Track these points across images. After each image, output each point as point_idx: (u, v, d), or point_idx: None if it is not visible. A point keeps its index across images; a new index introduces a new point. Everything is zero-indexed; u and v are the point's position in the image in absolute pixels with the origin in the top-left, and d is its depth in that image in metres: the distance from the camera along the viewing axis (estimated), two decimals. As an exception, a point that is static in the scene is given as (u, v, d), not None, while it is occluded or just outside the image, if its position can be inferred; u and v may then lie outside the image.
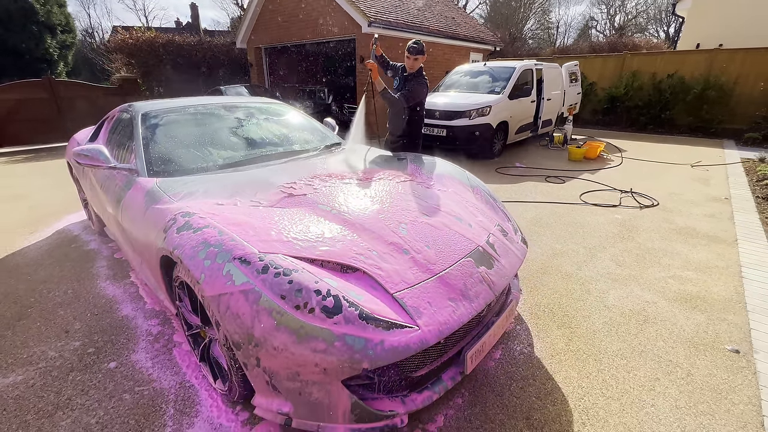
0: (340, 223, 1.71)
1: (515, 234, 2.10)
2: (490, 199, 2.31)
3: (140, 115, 2.54)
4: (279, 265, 1.36)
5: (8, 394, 1.74)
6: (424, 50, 3.23)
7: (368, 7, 8.03)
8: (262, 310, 1.27)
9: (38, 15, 18.83)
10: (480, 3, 30.41)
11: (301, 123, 3.16)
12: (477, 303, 1.53)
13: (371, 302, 1.37)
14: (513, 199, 4.50)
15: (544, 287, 2.60)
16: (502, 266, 1.76)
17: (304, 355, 1.24)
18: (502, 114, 6.59)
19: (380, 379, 1.41)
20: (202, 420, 1.60)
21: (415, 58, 3.20)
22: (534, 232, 3.56)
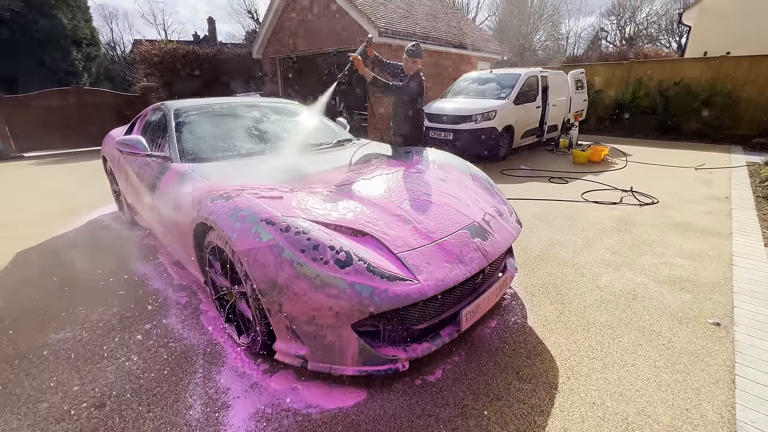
0: (351, 198, 1.94)
1: (510, 215, 2.30)
2: (488, 186, 2.51)
3: (172, 111, 2.84)
4: (299, 226, 1.59)
5: (60, 346, 1.99)
6: (422, 54, 3.38)
7: (378, 18, 8.40)
8: (285, 262, 1.50)
9: (66, 30, 19.90)
10: (489, 15, 30.95)
11: (315, 120, 3.42)
12: (471, 267, 1.73)
13: (377, 259, 1.59)
14: (516, 196, 4.68)
15: (541, 271, 2.78)
16: (495, 240, 1.96)
17: (320, 299, 1.46)
18: (507, 118, 6.80)
19: (385, 328, 1.61)
20: (228, 368, 1.82)
21: (414, 61, 3.33)
22: (535, 225, 3.73)
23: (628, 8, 29.52)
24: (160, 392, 1.68)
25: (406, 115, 3.54)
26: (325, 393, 1.67)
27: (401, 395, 1.66)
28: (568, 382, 1.72)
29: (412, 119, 3.57)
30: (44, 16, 18.55)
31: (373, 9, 8.86)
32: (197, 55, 11.22)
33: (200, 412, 1.57)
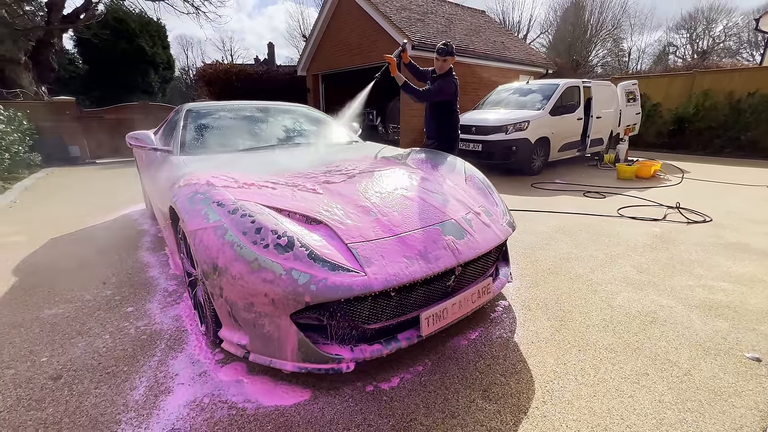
0: (319, 189, 1.87)
1: (501, 217, 2.09)
2: (482, 187, 2.32)
3: (185, 110, 3.01)
4: (247, 209, 1.55)
5: (48, 320, 2.10)
6: (453, 52, 3.25)
7: (413, 33, 8.49)
8: (226, 243, 1.45)
9: (147, 55, 22.64)
10: (542, 33, 30.16)
11: (318, 122, 3.46)
12: (434, 265, 1.57)
13: (325, 248, 1.49)
14: (541, 208, 4.33)
15: (546, 285, 2.48)
16: (474, 240, 1.77)
17: (256, 284, 1.38)
18: (542, 130, 6.42)
19: (330, 323, 1.49)
20: (184, 355, 1.80)
21: (444, 59, 3.21)
22: (553, 238, 3.39)
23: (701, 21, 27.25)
24: (114, 371, 1.69)
25: (439, 117, 3.42)
26: (268, 389, 1.57)
27: (347, 400, 1.51)
28: (542, 407, 1.46)
29: (444, 121, 3.43)
30: (129, 43, 21.31)
31: (410, 24, 8.99)
32: (247, 73, 12.15)
33: (142, 394, 1.55)
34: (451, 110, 3.43)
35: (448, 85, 3.25)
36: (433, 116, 3.47)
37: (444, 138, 3.46)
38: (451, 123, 3.47)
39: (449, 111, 3.42)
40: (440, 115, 3.42)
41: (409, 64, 3.45)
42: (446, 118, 3.44)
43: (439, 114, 3.42)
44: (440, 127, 3.45)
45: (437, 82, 3.28)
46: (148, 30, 23.02)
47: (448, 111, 3.42)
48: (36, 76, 10.12)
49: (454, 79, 3.33)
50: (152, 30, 23.49)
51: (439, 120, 3.44)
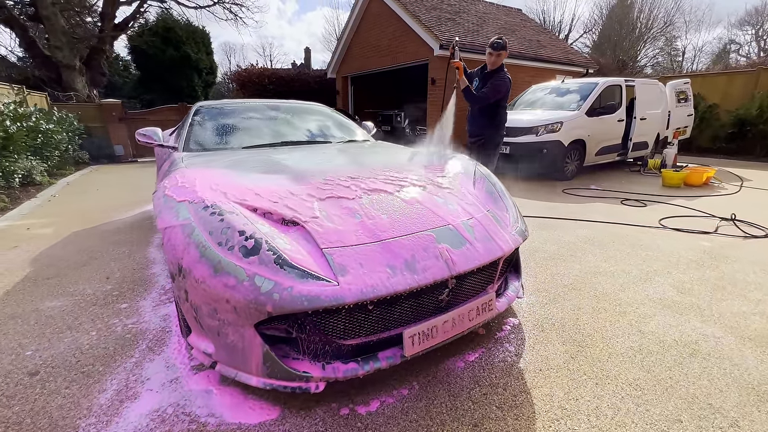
0: (303, 186, 1.73)
1: (511, 224, 1.85)
2: (492, 190, 2.09)
3: (195, 107, 3.01)
4: (218, 207, 1.44)
5: (45, 313, 2.12)
6: (507, 47, 3.20)
7: (443, 32, 8.27)
8: (191, 243, 1.35)
9: (191, 61, 23.94)
10: (585, 32, 28.71)
11: (331, 120, 3.34)
12: (422, 276, 1.38)
13: (297, 252, 1.34)
14: (570, 216, 3.96)
15: (566, 302, 2.19)
16: (473, 249, 1.56)
17: (218, 289, 1.26)
18: (576, 131, 5.97)
19: (300, 336, 1.34)
20: (161, 358, 1.72)
21: (498, 54, 3.17)
22: (579, 248, 3.05)
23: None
24: (89, 371, 1.64)
25: (487, 115, 3.33)
26: (237, 403, 1.45)
27: (317, 423, 1.36)
28: (542, 452, 1.23)
29: (492, 120, 3.35)
30: (176, 50, 22.60)
31: (439, 24, 8.77)
32: (279, 76, 12.46)
33: (108, 398, 1.48)
34: (501, 108, 3.32)
35: (501, 83, 3.20)
36: (480, 114, 3.36)
37: (491, 137, 3.39)
38: (500, 121, 3.37)
39: (498, 108, 3.32)
40: (489, 113, 3.31)
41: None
42: (495, 116, 3.34)
43: (488, 111, 3.31)
44: (488, 125, 3.36)
45: (490, 82, 3.22)
46: (194, 37, 24.32)
47: (497, 108, 3.31)
48: (89, 80, 10.92)
49: (506, 75, 3.24)
50: (198, 37, 24.80)
51: (487, 118, 3.33)
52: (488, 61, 3.23)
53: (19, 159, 5.84)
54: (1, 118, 5.68)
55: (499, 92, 3.22)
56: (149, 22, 19.69)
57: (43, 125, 6.80)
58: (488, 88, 3.20)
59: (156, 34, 21.62)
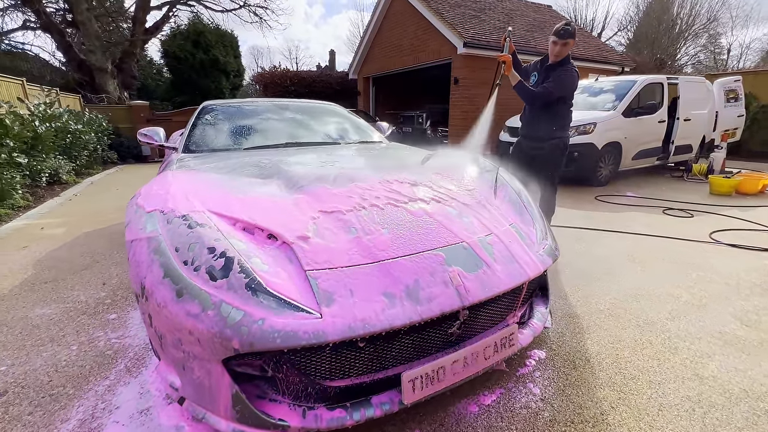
0: (297, 194, 1.52)
1: (538, 241, 1.57)
2: (517, 200, 1.80)
3: (201, 107, 2.88)
4: (190, 218, 1.24)
5: (33, 321, 2.01)
6: (575, 34, 2.63)
7: (466, 29, 7.93)
8: (155, 260, 1.16)
9: (220, 64, 24.61)
10: (620, 29, 27.37)
11: (342, 121, 3.14)
12: (426, 307, 1.13)
13: (275, 275, 1.12)
14: (605, 227, 3.57)
15: (602, 332, 1.87)
16: (492, 273, 1.29)
17: (180, 317, 1.06)
18: (612, 133, 5.50)
19: (276, 375, 1.12)
20: (137, 382, 1.55)
21: (564, 43, 2.60)
22: (617, 265, 2.69)
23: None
24: (58, 393, 1.49)
25: (549, 116, 2.74)
26: (207, 446, 1.25)
27: (295, 481, 1.13)
28: None
29: (556, 121, 2.76)
30: (205, 53, 23.26)
31: (463, 21, 8.44)
32: (301, 78, 12.50)
33: (69, 430, 1.31)
34: (566, 106, 2.75)
35: (568, 78, 2.64)
36: (540, 114, 2.77)
37: (553, 142, 2.78)
38: (565, 123, 2.79)
39: (563, 107, 2.75)
40: (551, 113, 2.73)
41: (513, 56, 2.80)
42: (558, 117, 2.76)
43: (550, 111, 2.72)
44: (549, 128, 2.77)
45: (553, 76, 2.65)
46: (223, 41, 24.95)
47: (562, 108, 2.74)
48: (120, 83, 11.30)
49: (573, 68, 2.68)
50: (226, 41, 25.42)
51: (549, 119, 2.75)
52: (551, 52, 2.68)
53: (48, 158, 6.00)
54: (31, 118, 5.86)
55: (564, 87, 2.64)
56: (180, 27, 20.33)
57: (72, 126, 7.00)
58: (551, 82, 2.63)
59: (187, 39, 22.29)
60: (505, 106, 7.89)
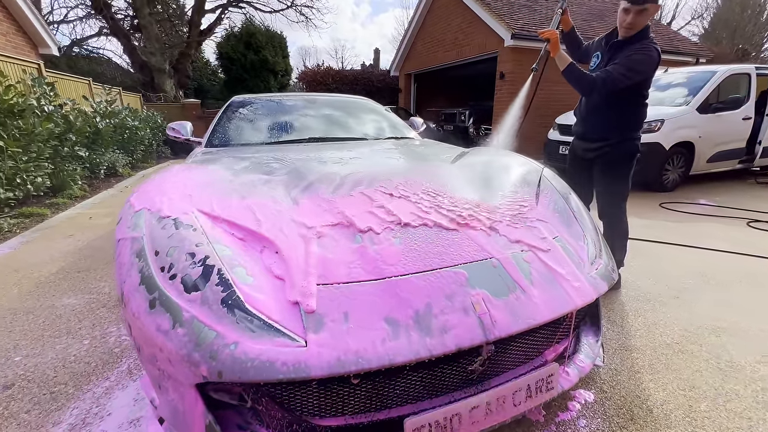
0: (303, 195, 1.35)
1: (590, 261, 1.27)
2: (564, 208, 1.50)
3: (229, 101, 2.84)
4: (177, 219, 1.11)
5: (57, 311, 2.04)
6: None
7: (515, 20, 7.41)
8: (134, 264, 1.03)
9: (269, 64, 25.62)
10: (695, 17, 24.68)
11: (372, 115, 2.95)
12: (439, 340, 0.90)
13: (258, 289, 0.96)
14: (672, 240, 3.07)
15: (670, 374, 1.51)
16: (527, 299, 1.04)
17: (151, 332, 0.93)
18: (682, 132, 4.82)
19: (256, 407, 0.95)
20: (134, 386, 1.47)
21: (641, 10, 1.87)
22: (688, 288, 2.26)
23: None
24: (58, 391, 1.45)
25: (618, 108, 2.05)
26: (189, 472, 1.11)
27: None
28: None
29: (627, 115, 2.07)
30: (256, 54, 24.35)
31: (512, 12, 7.90)
32: (343, 75, 12.58)
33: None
34: (639, 97, 2.05)
35: (643, 58, 1.89)
36: (603, 107, 2.09)
37: (620, 144, 2.10)
38: (637, 120, 2.09)
39: (635, 100, 2.05)
40: (617, 107, 2.05)
41: (570, 34, 2.24)
42: (627, 111, 2.06)
43: (616, 103, 2.04)
44: (615, 125, 2.08)
45: (621, 56, 1.93)
46: (272, 42, 25.96)
47: (635, 98, 2.04)
48: (176, 83, 12.04)
49: (652, 45, 1.93)
50: (275, 42, 26.41)
51: (615, 114, 2.07)
52: (621, 23, 1.95)
53: (106, 152, 6.46)
54: (93, 115, 6.33)
55: (636, 71, 1.90)
56: (233, 28, 21.37)
57: (130, 122, 7.51)
58: (617, 65, 1.91)
59: (240, 40, 23.43)
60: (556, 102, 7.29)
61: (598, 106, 2.13)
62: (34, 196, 4.42)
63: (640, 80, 1.96)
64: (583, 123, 2.28)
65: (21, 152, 4.26)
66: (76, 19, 14.18)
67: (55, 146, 4.93)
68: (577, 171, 2.34)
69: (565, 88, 2.25)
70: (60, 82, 6.20)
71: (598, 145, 2.18)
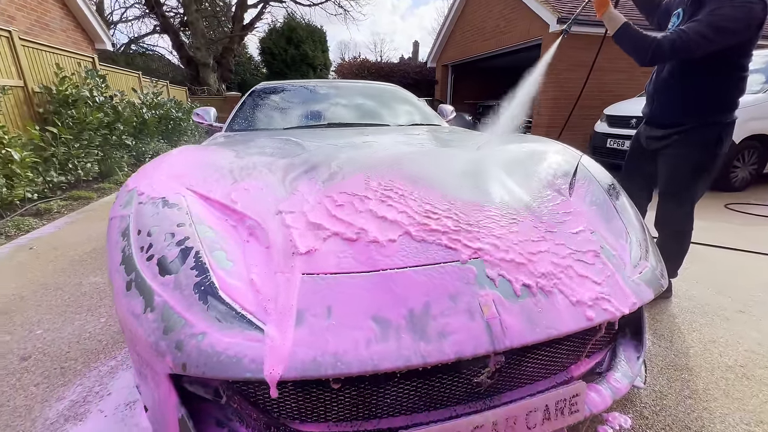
0: (302, 181, 1.25)
1: (633, 263, 1.07)
2: (604, 201, 1.28)
3: (253, 88, 2.82)
4: (165, 198, 1.05)
5: (83, 289, 2.12)
6: None
7: (562, 3, 6.86)
8: (119, 243, 0.99)
9: (309, 58, 26.08)
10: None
11: (398, 102, 2.81)
12: (436, 346, 0.77)
13: (237, 276, 0.87)
14: (738, 245, 2.67)
15: (731, 402, 1.26)
16: (549, 304, 0.88)
17: (125, 315, 0.87)
18: (757, 124, 4.22)
19: (231, 405, 0.87)
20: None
21: None
22: (757, 301, 1.92)
23: None
24: (68, 367, 1.47)
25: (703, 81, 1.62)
26: (173, 463, 1.06)
27: None
28: None
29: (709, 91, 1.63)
30: (296, 48, 24.89)
31: (560, -6, 7.34)
32: (379, 67, 12.46)
33: (57, 413, 1.25)
34: (732, 66, 1.58)
35: (739, 11, 1.43)
36: (681, 80, 1.66)
37: (702, 126, 1.66)
38: (727, 96, 1.64)
39: (727, 68, 1.58)
40: (701, 77, 1.61)
41: None
42: (717, 84, 1.61)
43: (699, 74, 1.61)
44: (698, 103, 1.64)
45: (705, 12, 1.48)
46: (312, 37, 26.40)
47: (724, 67, 1.58)
48: (219, 77, 12.52)
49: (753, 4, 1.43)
50: (315, 36, 26.84)
51: (698, 89, 1.63)
52: None
53: (151, 141, 6.82)
54: (140, 106, 6.70)
55: (724, 30, 1.45)
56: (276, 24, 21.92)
57: (174, 113, 7.89)
58: (697, 22, 1.48)
59: (281, 35, 24.05)
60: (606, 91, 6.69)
61: (669, 79, 1.68)
62: (84, 181, 4.73)
63: (729, 43, 1.47)
64: (650, 103, 1.82)
65: (73, 139, 4.57)
66: (133, 19, 15.21)
67: (104, 135, 5.26)
68: (636, 165, 1.95)
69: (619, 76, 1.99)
70: (111, 75, 6.61)
71: (667, 132, 1.73)
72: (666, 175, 1.80)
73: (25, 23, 5.71)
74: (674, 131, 1.72)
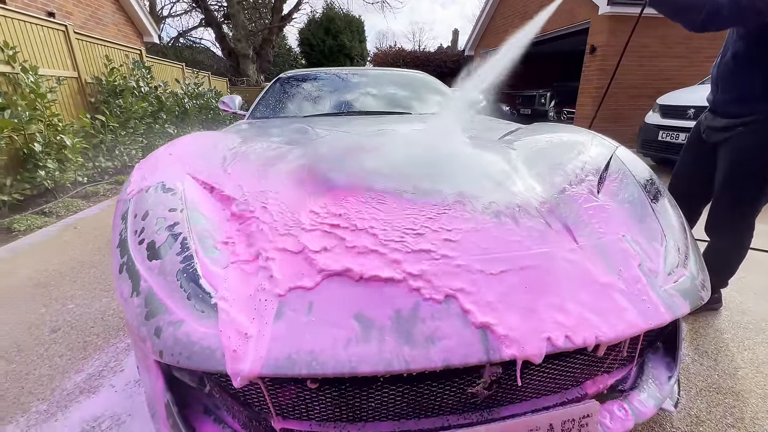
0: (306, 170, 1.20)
1: (668, 270, 0.93)
2: (639, 198, 1.13)
3: (278, 76, 2.82)
4: (163, 182, 1.04)
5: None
6: None
7: (614, -18, 6.29)
8: (118, 225, 0.99)
9: (345, 48, 26.16)
10: None
11: (423, 90, 2.70)
12: (422, 352, 0.70)
13: (221, 264, 0.84)
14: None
15: (784, 437, 1.09)
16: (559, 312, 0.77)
17: (118, 297, 0.87)
18: None
19: (213, 394, 0.85)
20: (151, 347, 1.51)
21: None
22: (831, 321, 1.65)
23: None
24: (89, 342, 1.55)
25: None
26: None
27: None
28: None
29: None
30: (334, 39, 25.04)
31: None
32: (414, 56, 12.22)
33: (75, 384, 1.32)
34: None
35: None
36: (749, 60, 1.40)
37: None
38: None
39: None
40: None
41: None
42: None
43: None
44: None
45: None
46: (350, 27, 26.42)
47: None
48: (258, 68, 12.86)
49: None
50: (353, 27, 26.85)
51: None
52: None
53: (192, 130, 7.15)
54: (182, 96, 7.03)
55: None
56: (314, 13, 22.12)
57: (214, 103, 8.20)
58: None
59: (320, 26, 24.27)
60: (662, 79, 6.08)
61: (736, 59, 1.41)
62: (129, 167, 5.04)
63: None
64: (714, 89, 1.56)
65: (120, 127, 4.87)
66: (182, 13, 15.95)
67: (148, 123, 5.57)
68: (693, 159, 1.69)
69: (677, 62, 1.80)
70: (157, 66, 6.96)
71: (730, 123, 1.47)
72: (724, 171, 1.54)
73: (80, 18, 6.13)
74: (739, 122, 1.46)
